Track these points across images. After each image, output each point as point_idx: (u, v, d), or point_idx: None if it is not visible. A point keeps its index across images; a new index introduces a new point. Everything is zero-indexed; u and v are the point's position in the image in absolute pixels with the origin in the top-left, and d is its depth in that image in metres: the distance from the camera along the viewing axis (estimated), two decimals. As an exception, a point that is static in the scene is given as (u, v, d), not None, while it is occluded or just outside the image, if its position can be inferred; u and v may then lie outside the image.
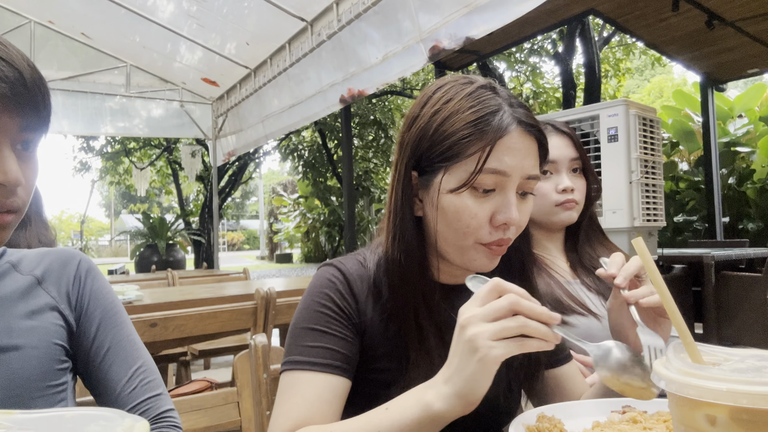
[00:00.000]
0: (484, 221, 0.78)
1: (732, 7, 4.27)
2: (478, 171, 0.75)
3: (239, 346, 3.13)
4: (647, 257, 0.56)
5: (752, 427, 0.43)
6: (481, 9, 2.77)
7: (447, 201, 0.78)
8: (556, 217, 1.33)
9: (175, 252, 11.22)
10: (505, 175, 0.76)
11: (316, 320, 0.81)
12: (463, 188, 0.77)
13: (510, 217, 0.77)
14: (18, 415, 0.46)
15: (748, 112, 7.57)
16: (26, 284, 0.85)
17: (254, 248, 33.22)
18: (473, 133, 0.76)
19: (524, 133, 0.78)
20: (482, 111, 0.77)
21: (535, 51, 10.08)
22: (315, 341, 0.80)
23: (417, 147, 0.81)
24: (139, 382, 0.88)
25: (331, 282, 0.84)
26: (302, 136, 15.07)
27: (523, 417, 0.69)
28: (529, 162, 0.79)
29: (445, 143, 0.78)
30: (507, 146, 0.76)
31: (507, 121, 0.77)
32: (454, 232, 0.79)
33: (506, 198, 0.78)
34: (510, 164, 0.76)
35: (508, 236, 0.79)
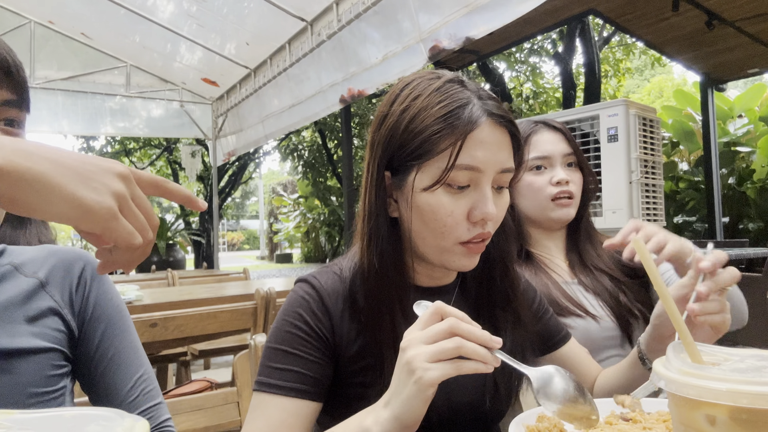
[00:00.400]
0: (461, 218, 0.76)
1: (732, 7, 4.28)
2: (451, 167, 0.74)
3: (239, 346, 3.12)
4: (647, 257, 0.56)
5: (752, 427, 0.43)
6: (481, 9, 2.77)
7: (422, 200, 0.77)
8: (553, 213, 1.32)
9: (175, 252, 11.23)
10: (479, 171, 0.75)
11: (288, 341, 0.80)
12: (437, 185, 0.75)
13: (487, 211, 0.75)
14: (18, 415, 0.46)
15: (748, 112, 7.57)
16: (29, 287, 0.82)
17: (254, 248, 33.22)
18: (443, 129, 0.74)
19: (495, 125, 0.76)
20: (451, 105, 0.75)
21: (535, 51, 10.08)
22: (285, 363, 0.79)
23: (388, 146, 0.80)
24: (140, 391, 0.88)
25: (304, 300, 0.82)
26: (302, 136, 15.07)
27: (523, 417, 0.69)
28: (502, 155, 0.77)
29: (416, 140, 0.76)
30: (479, 140, 0.75)
31: (477, 113, 0.75)
32: (431, 231, 0.78)
33: (482, 193, 0.76)
34: (482, 159, 0.75)
35: (487, 230, 0.78)
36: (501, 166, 0.77)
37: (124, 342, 0.88)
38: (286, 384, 0.78)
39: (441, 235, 0.77)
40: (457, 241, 0.77)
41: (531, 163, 1.32)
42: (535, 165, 1.33)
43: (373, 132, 0.83)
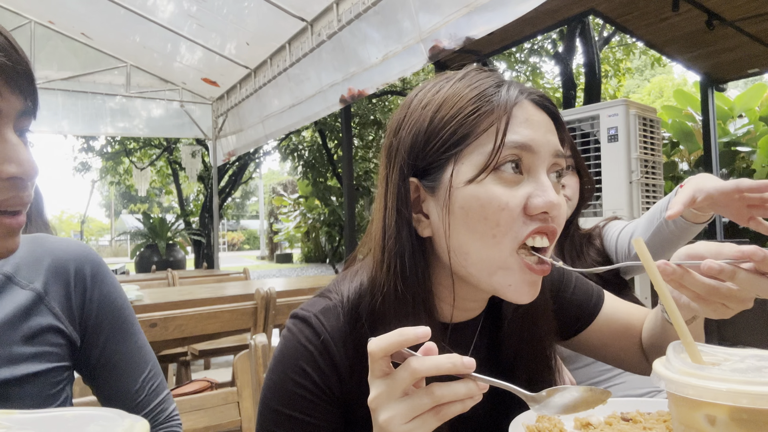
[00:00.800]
0: (517, 212, 0.61)
1: (732, 7, 4.27)
2: (501, 144, 0.61)
3: (239, 346, 3.13)
4: (647, 257, 0.56)
5: (752, 427, 0.43)
6: (481, 9, 2.77)
7: (466, 195, 0.62)
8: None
9: (175, 252, 11.23)
10: (532, 151, 0.62)
11: (293, 404, 0.67)
12: (485, 172, 0.61)
13: (549, 199, 0.61)
14: (18, 415, 0.46)
15: (749, 112, 7.56)
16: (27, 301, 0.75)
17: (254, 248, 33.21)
18: (481, 106, 0.63)
19: (536, 105, 0.66)
20: (485, 85, 0.65)
21: (535, 51, 10.08)
22: (291, 427, 0.67)
23: (411, 147, 0.66)
24: (147, 389, 0.86)
25: (307, 351, 0.68)
26: (302, 136, 15.06)
27: (523, 417, 0.69)
28: (552, 137, 0.65)
29: (449, 127, 0.64)
30: (523, 118, 0.63)
31: (514, 92, 0.64)
32: (480, 238, 0.62)
33: (540, 179, 0.63)
34: (534, 137, 0.62)
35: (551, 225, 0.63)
36: (555, 147, 0.65)
37: (128, 345, 0.85)
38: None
39: (493, 239, 0.62)
40: (514, 243, 0.62)
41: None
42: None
43: (390, 139, 0.70)
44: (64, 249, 0.81)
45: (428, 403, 0.51)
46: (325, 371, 0.68)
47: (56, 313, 0.78)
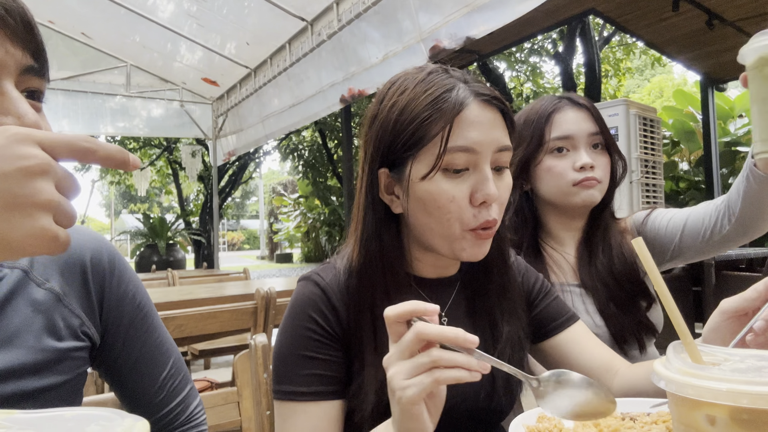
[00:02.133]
0: (464, 203, 0.75)
1: (732, 7, 4.27)
2: (444, 150, 0.73)
3: (239, 346, 3.12)
4: (647, 257, 0.56)
5: (752, 427, 0.43)
6: (481, 9, 2.77)
7: (421, 189, 0.76)
8: (576, 197, 1.20)
9: (175, 252, 11.23)
10: (474, 152, 0.74)
11: (304, 345, 0.79)
12: (433, 171, 0.74)
13: (488, 192, 0.74)
14: (18, 415, 0.46)
15: (749, 112, 7.56)
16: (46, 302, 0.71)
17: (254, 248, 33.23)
18: (432, 114, 0.74)
19: (484, 104, 0.76)
20: (437, 91, 0.75)
21: (535, 51, 10.08)
22: (305, 368, 0.78)
23: (380, 142, 0.79)
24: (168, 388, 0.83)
25: (312, 300, 0.81)
26: (302, 135, 15.07)
27: (523, 417, 0.69)
28: (495, 133, 0.76)
29: (407, 131, 0.76)
30: (469, 121, 0.74)
31: (463, 95, 0.75)
32: (437, 221, 0.76)
33: (481, 174, 0.75)
34: (476, 139, 0.74)
35: (492, 216, 0.76)
36: (496, 144, 0.75)
37: (148, 343, 0.82)
38: (311, 389, 0.77)
39: (447, 222, 0.76)
40: (465, 227, 0.76)
41: (552, 144, 1.21)
42: (557, 147, 1.21)
43: (366, 132, 0.83)
44: (78, 241, 0.76)
45: (426, 362, 0.57)
46: (327, 315, 0.80)
47: (77, 314, 0.74)
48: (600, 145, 1.23)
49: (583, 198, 1.20)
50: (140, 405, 0.82)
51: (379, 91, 0.84)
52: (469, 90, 0.76)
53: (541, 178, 1.24)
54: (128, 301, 0.80)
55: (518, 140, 1.23)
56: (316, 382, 0.77)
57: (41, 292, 0.70)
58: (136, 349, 0.80)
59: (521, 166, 1.25)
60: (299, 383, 0.77)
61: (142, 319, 0.81)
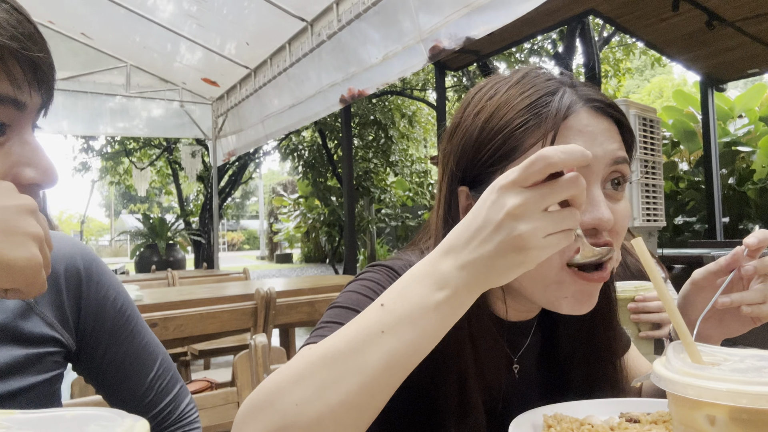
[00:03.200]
0: None
1: (732, 7, 4.27)
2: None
3: (239, 346, 3.13)
4: (647, 257, 0.56)
5: (752, 427, 0.43)
6: (481, 9, 2.77)
7: None
8: None
9: (175, 252, 11.23)
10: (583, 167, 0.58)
11: (359, 302, 0.66)
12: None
13: (599, 216, 0.59)
14: (18, 415, 0.46)
15: (749, 112, 7.57)
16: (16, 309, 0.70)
17: (254, 248, 33.21)
18: (529, 119, 0.62)
19: (595, 112, 0.63)
20: (537, 93, 0.63)
21: (535, 51, 10.08)
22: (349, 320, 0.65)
23: (461, 155, 0.67)
24: (156, 388, 0.82)
25: (386, 275, 0.70)
26: (302, 136, 15.06)
27: (523, 417, 0.69)
28: (610, 145, 0.62)
29: (497, 140, 0.63)
30: (576, 129, 0.61)
31: (569, 99, 0.62)
32: None
33: (591, 193, 0.60)
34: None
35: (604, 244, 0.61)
36: (611, 156, 0.62)
37: (132, 345, 0.81)
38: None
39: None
40: (564, 260, 0.61)
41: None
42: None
43: (445, 145, 0.71)
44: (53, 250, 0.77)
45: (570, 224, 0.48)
46: None
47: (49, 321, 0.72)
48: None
49: None
50: (129, 406, 0.81)
51: (464, 99, 0.71)
52: (576, 94, 0.64)
53: None
54: (109, 305, 0.79)
55: None
56: None
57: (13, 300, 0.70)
58: (121, 352, 0.79)
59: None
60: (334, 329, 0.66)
61: (125, 323, 0.80)
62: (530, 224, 0.47)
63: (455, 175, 0.68)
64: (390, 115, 13.65)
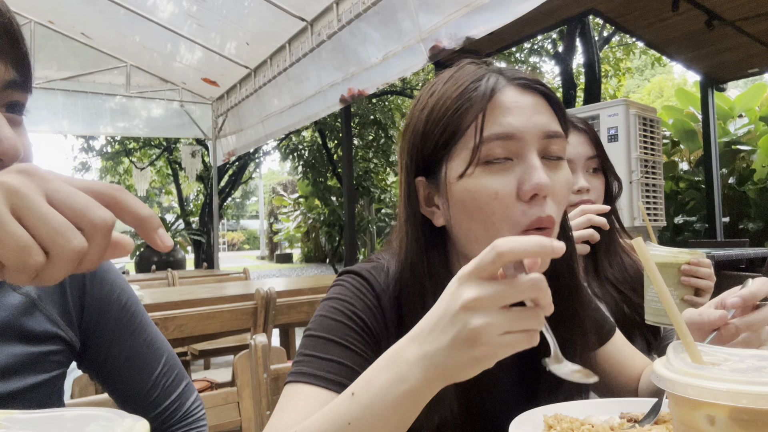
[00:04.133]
0: (510, 199, 0.65)
1: (732, 7, 4.27)
2: (480, 140, 0.65)
3: (239, 346, 3.13)
4: (647, 257, 0.56)
5: (752, 427, 0.43)
6: (481, 9, 2.77)
7: (460, 190, 0.67)
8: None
9: (175, 252, 11.22)
10: (515, 138, 0.65)
11: (336, 331, 0.71)
12: (471, 166, 0.66)
13: (537, 182, 0.63)
14: (18, 415, 0.46)
15: (749, 112, 7.56)
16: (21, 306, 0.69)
17: (254, 248, 33.21)
18: (462, 104, 0.67)
19: (521, 88, 0.68)
20: (466, 82, 0.69)
21: (535, 51, 10.07)
22: (327, 353, 0.70)
23: (412, 149, 0.73)
24: (162, 386, 0.82)
25: (355, 289, 0.74)
26: (302, 136, 15.06)
27: (522, 418, 0.69)
28: (539, 118, 0.67)
29: (437, 129, 0.69)
30: (505, 106, 0.66)
31: (495, 81, 0.68)
32: (481, 225, 0.66)
33: (527, 163, 0.65)
34: (515, 124, 0.65)
35: (547, 212, 0.65)
36: (541, 128, 0.66)
37: (136, 343, 0.80)
38: (326, 375, 0.68)
39: (492, 225, 0.66)
40: (515, 228, 0.65)
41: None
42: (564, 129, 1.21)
43: (400, 144, 0.78)
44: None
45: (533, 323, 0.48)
46: (373, 310, 0.73)
47: (53, 318, 0.72)
48: (597, 169, 1.26)
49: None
50: (134, 404, 0.81)
51: (412, 102, 0.78)
52: (502, 77, 0.69)
53: None
54: (113, 302, 0.78)
55: None
56: (338, 371, 0.69)
57: (17, 296, 0.70)
58: (125, 349, 0.79)
59: None
60: (320, 367, 0.69)
61: (129, 320, 0.80)
62: (484, 319, 0.46)
63: (411, 168, 0.74)
64: (390, 114, 13.65)
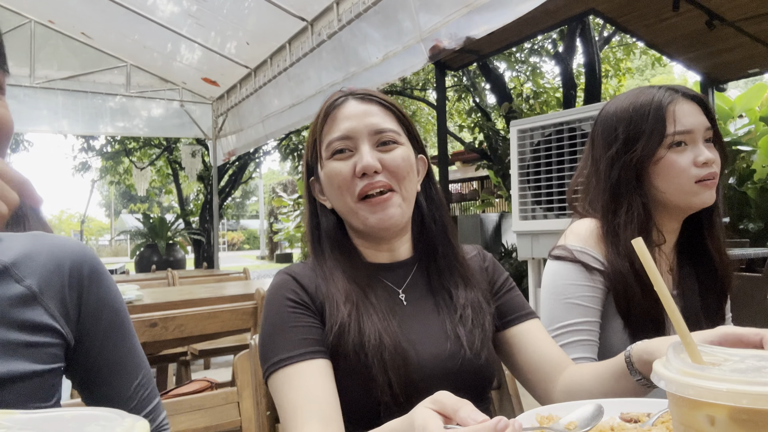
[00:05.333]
0: (348, 177, 0.90)
1: (732, 7, 4.27)
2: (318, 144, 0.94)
3: (239, 346, 3.12)
4: (647, 258, 0.56)
5: (752, 427, 0.43)
6: (481, 9, 2.77)
7: (323, 174, 0.93)
8: (697, 198, 1.11)
9: (175, 252, 11.21)
10: (349, 138, 0.91)
11: (284, 319, 0.88)
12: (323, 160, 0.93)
13: (363, 164, 0.88)
14: (18, 416, 0.46)
15: (749, 112, 7.56)
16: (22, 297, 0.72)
17: (254, 248, 33.21)
18: (318, 119, 0.96)
19: (358, 100, 0.94)
20: (326, 103, 0.96)
21: (535, 51, 10.07)
22: (289, 337, 0.86)
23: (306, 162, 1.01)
24: (139, 397, 0.84)
25: (285, 283, 0.92)
26: (302, 136, 15.06)
27: (522, 418, 0.69)
28: (370, 120, 0.92)
29: (314, 143, 0.97)
30: (344, 115, 0.92)
31: (338, 97, 0.96)
32: (337, 198, 0.92)
33: (358, 152, 0.90)
34: (349, 126, 0.91)
35: (376, 181, 0.89)
36: (371, 128, 0.91)
37: (123, 349, 0.83)
38: (300, 351, 0.84)
39: (341, 197, 0.91)
40: (354, 198, 0.90)
41: (672, 139, 1.11)
42: (676, 141, 1.11)
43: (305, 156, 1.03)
44: (61, 247, 0.79)
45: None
46: (298, 292, 0.91)
47: (52, 312, 0.75)
48: (710, 140, 1.15)
49: (704, 199, 1.12)
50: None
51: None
52: (346, 94, 0.96)
53: (659, 175, 1.13)
54: (107, 305, 0.82)
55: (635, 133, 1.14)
56: (303, 344, 0.85)
57: (19, 288, 0.73)
58: (113, 353, 0.82)
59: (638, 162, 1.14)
60: (287, 349, 0.85)
61: (119, 326, 0.83)
62: None
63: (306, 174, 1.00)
64: (390, 114, 13.63)
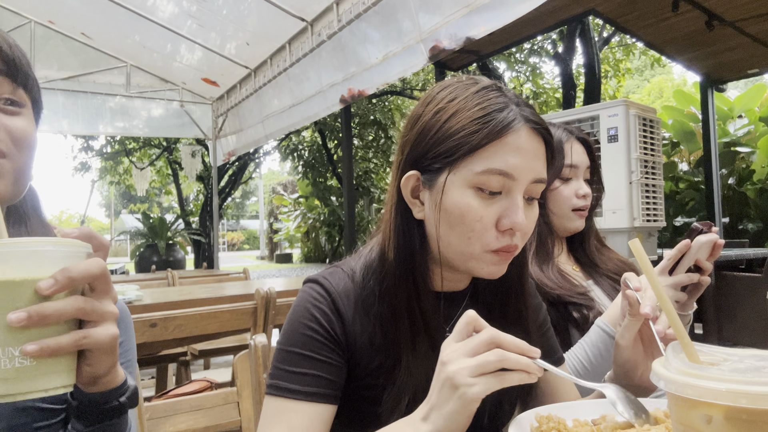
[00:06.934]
0: (489, 225, 0.74)
1: (732, 7, 4.27)
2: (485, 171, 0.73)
3: (239, 346, 3.13)
4: (644, 258, 0.56)
5: (751, 427, 0.43)
6: (481, 9, 2.77)
7: (450, 201, 0.75)
8: (572, 223, 1.34)
9: (175, 252, 11.22)
10: (512, 178, 0.74)
11: (303, 344, 0.78)
12: (470, 188, 0.74)
13: (516, 221, 0.74)
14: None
15: (749, 113, 7.56)
16: None
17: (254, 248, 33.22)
18: (480, 129, 0.73)
19: (532, 132, 0.75)
20: (489, 108, 0.74)
21: (535, 51, 10.07)
22: (302, 367, 0.77)
23: (418, 145, 0.79)
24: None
25: (317, 301, 0.81)
26: (302, 136, 15.06)
27: (522, 418, 0.69)
28: (537, 164, 0.76)
29: (450, 140, 0.75)
30: (515, 146, 0.73)
31: (513, 117, 0.74)
32: (458, 236, 0.76)
33: (513, 201, 0.74)
34: (517, 166, 0.73)
35: (515, 243, 0.76)
36: (535, 175, 0.76)
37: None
38: (306, 389, 0.76)
39: (468, 240, 0.76)
40: (485, 249, 0.76)
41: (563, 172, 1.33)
42: (566, 175, 1.34)
43: (405, 133, 0.82)
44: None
45: (495, 362, 0.60)
46: (331, 317, 0.80)
47: None
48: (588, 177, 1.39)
49: (577, 225, 1.35)
50: None
51: (427, 93, 0.82)
52: (520, 114, 0.75)
53: (549, 201, 1.34)
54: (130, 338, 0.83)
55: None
56: (313, 383, 0.77)
57: None
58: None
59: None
60: (295, 381, 0.77)
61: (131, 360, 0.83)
62: (454, 366, 0.61)
63: (409, 160, 0.80)
64: (390, 115, 13.64)
